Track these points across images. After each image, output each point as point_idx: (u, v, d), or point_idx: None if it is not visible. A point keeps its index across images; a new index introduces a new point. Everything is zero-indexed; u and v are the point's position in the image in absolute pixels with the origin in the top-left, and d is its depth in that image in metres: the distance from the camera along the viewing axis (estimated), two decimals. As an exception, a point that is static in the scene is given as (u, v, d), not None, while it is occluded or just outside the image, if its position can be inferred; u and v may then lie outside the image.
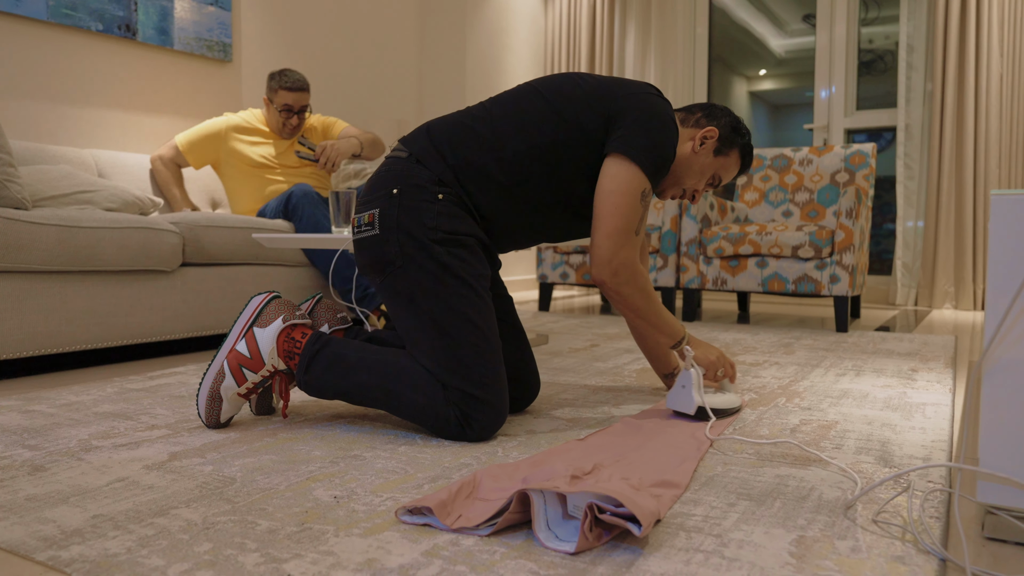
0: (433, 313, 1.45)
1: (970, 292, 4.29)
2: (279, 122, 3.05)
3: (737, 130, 1.73)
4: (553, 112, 1.54)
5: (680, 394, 1.61)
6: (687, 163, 1.70)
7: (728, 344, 2.82)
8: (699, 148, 1.69)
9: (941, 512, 1.08)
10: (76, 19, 3.06)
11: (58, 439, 1.46)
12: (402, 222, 1.49)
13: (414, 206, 1.50)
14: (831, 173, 3.83)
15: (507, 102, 1.57)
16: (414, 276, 1.47)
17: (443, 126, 1.58)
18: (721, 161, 1.73)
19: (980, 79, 4.23)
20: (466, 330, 1.44)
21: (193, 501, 1.12)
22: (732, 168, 1.75)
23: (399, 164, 1.56)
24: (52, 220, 2.12)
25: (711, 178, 1.74)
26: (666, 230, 3.68)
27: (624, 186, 1.51)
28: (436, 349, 1.44)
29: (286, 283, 2.84)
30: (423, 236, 1.48)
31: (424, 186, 1.51)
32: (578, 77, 1.60)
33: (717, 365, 1.73)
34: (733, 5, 5.43)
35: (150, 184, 3.05)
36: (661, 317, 1.63)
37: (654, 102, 1.57)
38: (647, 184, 1.53)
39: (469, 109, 1.60)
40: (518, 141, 1.52)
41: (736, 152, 1.74)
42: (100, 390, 1.93)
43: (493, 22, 5.23)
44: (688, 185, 1.73)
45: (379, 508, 1.09)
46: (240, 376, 1.50)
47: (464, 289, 1.47)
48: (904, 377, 2.16)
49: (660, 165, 1.54)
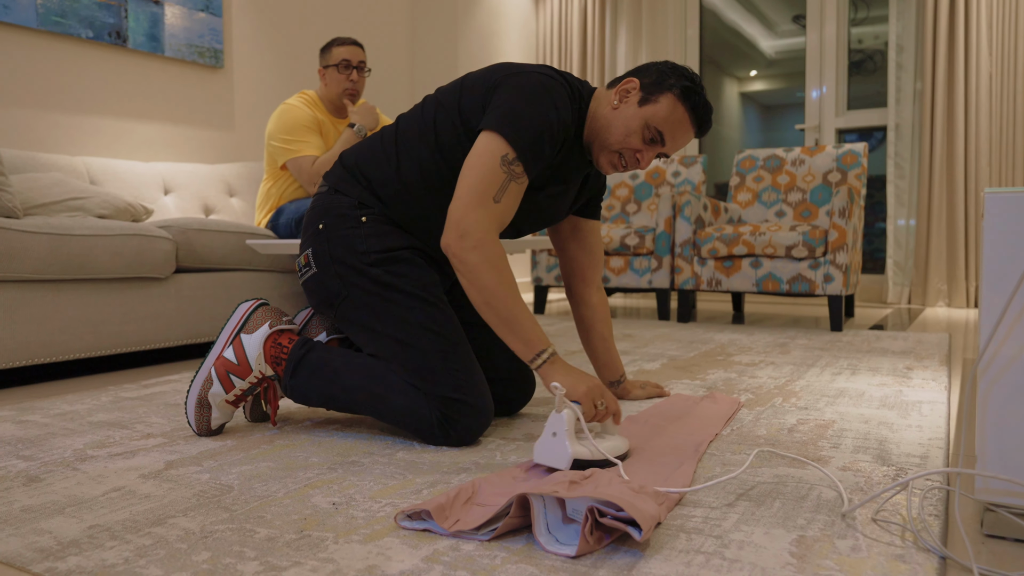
0: (390, 332, 1.46)
1: (963, 289, 4.30)
2: (340, 84, 2.82)
3: (668, 74, 1.49)
4: (443, 112, 1.52)
5: (550, 444, 1.23)
6: (608, 121, 1.51)
7: (724, 345, 2.83)
8: (618, 104, 1.51)
9: (940, 510, 1.08)
10: (66, 26, 3.05)
11: (53, 449, 1.45)
12: (335, 254, 1.52)
13: (342, 235, 1.52)
14: (823, 173, 3.84)
15: (410, 114, 1.58)
16: (361, 302, 1.49)
17: (354, 151, 1.61)
18: (649, 110, 1.48)
19: (970, 78, 4.25)
20: (425, 339, 1.44)
21: (191, 510, 1.11)
22: (670, 116, 1.48)
23: (321, 199, 1.59)
24: (44, 228, 2.11)
25: (645, 133, 1.49)
26: (660, 231, 3.69)
27: (481, 149, 1.39)
28: (404, 363, 1.45)
29: (281, 289, 2.83)
30: (358, 262, 1.50)
31: (347, 213, 1.53)
32: (473, 73, 1.55)
33: (591, 397, 1.32)
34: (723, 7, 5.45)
35: (141, 191, 3.04)
36: (516, 311, 1.35)
37: (531, 78, 1.45)
38: (507, 148, 1.38)
39: (383, 129, 1.61)
40: (419, 148, 1.52)
41: (669, 96, 1.48)
42: (94, 399, 1.91)
43: (484, 26, 5.23)
44: (616, 144, 1.51)
45: (378, 514, 1.09)
46: (228, 382, 1.50)
47: (413, 301, 1.47)
48: (899, 375, 2.17)
49: (522, 130, 1.39)
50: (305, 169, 2.72)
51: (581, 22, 5.48)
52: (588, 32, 5.45)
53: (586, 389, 1.31)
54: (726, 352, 2.65)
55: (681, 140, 1.53)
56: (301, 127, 2.75)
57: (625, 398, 1.87)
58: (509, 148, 1.39)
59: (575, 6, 5.47)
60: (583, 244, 1.78)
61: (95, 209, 2.49)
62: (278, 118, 2.77)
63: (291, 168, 2.74)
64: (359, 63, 2.84)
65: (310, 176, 2.71)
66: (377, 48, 4.82)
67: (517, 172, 1.40)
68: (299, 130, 2.74)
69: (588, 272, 1.80)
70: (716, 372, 2.24)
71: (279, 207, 2.81)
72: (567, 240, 1.79)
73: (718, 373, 2.23)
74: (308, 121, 2.76)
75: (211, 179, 3.34)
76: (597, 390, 1.32)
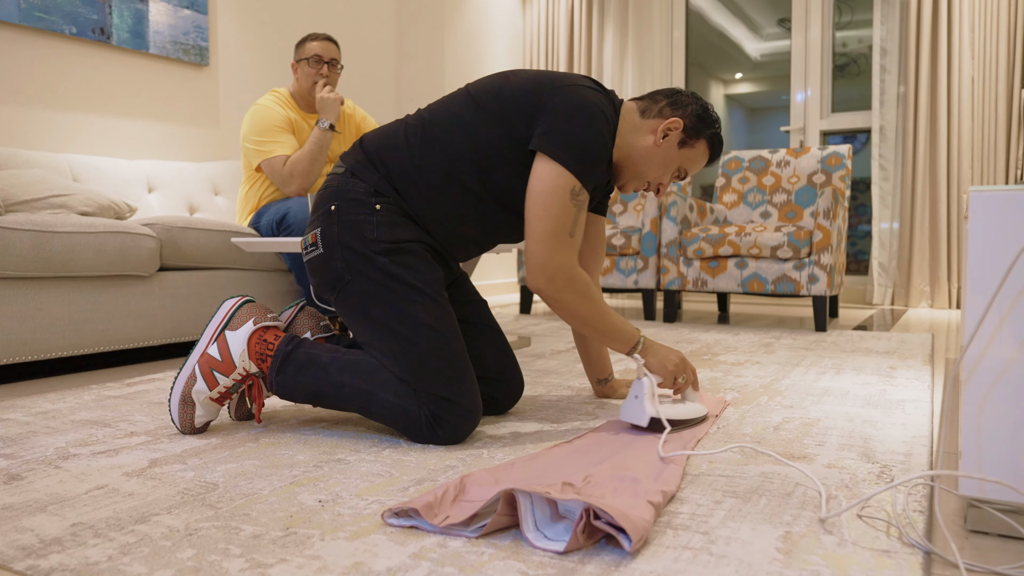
0: (388, 323, 1.45)
1: (945, 291, 4.34)
2: (310, 78, 2.81)
3: (703, 120, 1.61)
4: (480, 112, 1.51)
5: (632, 405, 1.50)
6: (649, 156, 1.59)
7: (709, 344, 2.84)
8: (662, 141, 1.58)
9: (924, 506, 1.09)
10: (49, 22, 3.02)
11: (35, 447, 1.43)
12: (343, 238, 1.50)
13: (353, 220, 1.50)
14: (808, 174, 3.87)
15: (440, 107, 1.56)
16: (364, 289, 1.48)
17: (376, 137, 1.59)
18: (687, 153, 1.61)
19: (952, 81, 4.29)
20: (423, 334, 1.44)
21: (175, 507, 1.10)
22: (699, 159, 1.64)
23: (336, 180, 1.57)
24: (26, 225, 2.08)
25: (677, 170, 1.64)
26: (646, 232, 3.70)
27: (549, 185, 1.43)
28: (398, 357, 1.44)
29: (267, 288, 2.81)
30: (366, 249, 1.48)
31: (361, 199, 1.51)
32: (511, 74, 1.55)
33: (675, 372, 1.56)
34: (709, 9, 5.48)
35: (125, 189, 3.01)
36: (609, 322, 1.52)
37: (583, 94, 1.48)
38: (575, 182, 1.44)
39: (407, 117, 1.60)
40: (448, 144, 1.51)
41: (703, 143, 1.62)
42: (77, 398, 1.89)
43: (471, 25, 5.23)
44: (652, 178, 1.63)
45: (365, 511, 1.08)
46: (211, 379, 1.48)
47: (415, 295, 1.46)
48: (883, 375, 2.19)
49: (587, 161, 1.45)
50: (277, 169, 2.70)
51: (568, 23, 5.49)
52: (575, 33, 5.46)
53: (672, 368, 1.56)
54: (712, 352, 2.66)
55: (697, 170, 1.69)
56: (272, 127, 2.73)
57: (612, 396, 1.87)
58: (575, 181, 1.44)
59: (562, 7, 5.48)
60: (589, 239, 1.79)
61: (78, 206, 2.47)
62: (250, 119, 2.76)
63: (265, 169, 2.73)
64: (331, 59, 2.83)
65: (282, 177, 2.70)
66: (363, 48, 4.80)
67: (583, 201, 1.48)
68: (270, 130, 2.73)
69: (591, 266, 1.80)
70: (702, 371, 2.25)
71: (259, 208, 2.79)
72: None
73: (704, 372, 2.23)
74: (280, 120, 2.75)
75: (196, 177, 3.31)
76: (677, 366, 1.56)
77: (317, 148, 2.71)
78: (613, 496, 1.06)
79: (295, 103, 2.85)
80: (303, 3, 4.31)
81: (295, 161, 2.69)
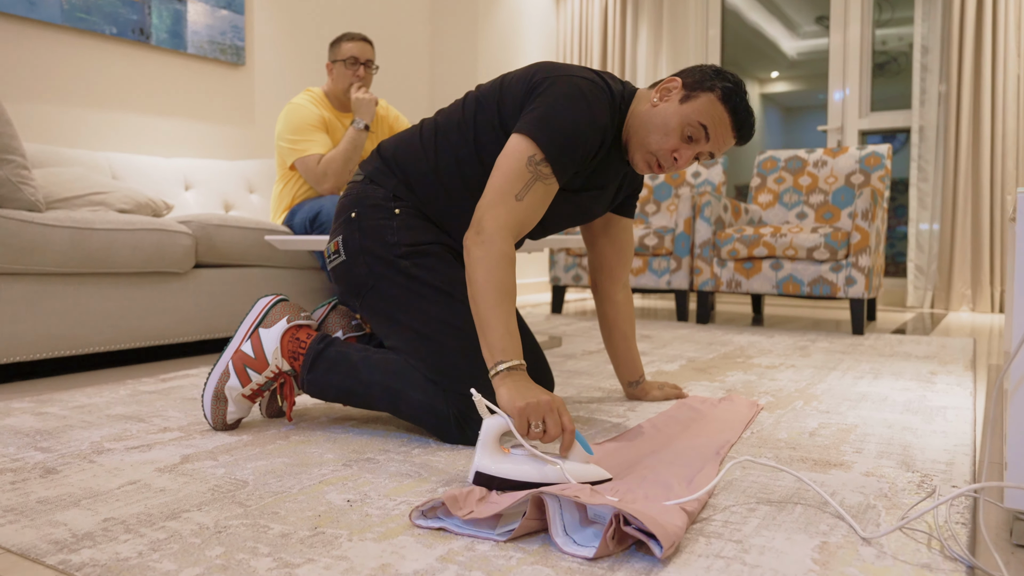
0: (413, 326, 1.45)
1: (987, 294, 4.24)
2: (346, 79, 2.81)
3: (711, 75, 1.45)
4: (481, 111, 1.50)
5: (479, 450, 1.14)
6: (647, 118, 1.47)
7: (743, 347, 2.80)
8: (658, 101, 1.47)
9: (967, 518, 1.06)
10: (90, 23, 3.07)
11: (70, 441, 1.45)
12: (365, 244, 1.51)
13: (374, 226, 1.51)
14: (846, 174, 3.80)
15: (451, 110, 1.56)
16: (388, 294, 1.49)
17: (392, 143, 1.59)
18: (689, 108, 1.43)
19: (997, 80, 4.18)
20: (449, 335, 1.43)
21: (205, 504, 1.11)
22: (709, 116, 1.43)
23: (355, 187, 1.58)
24: (65, 222, 2.12)
25: (685, 130, 1.44)
26: (679, 232, 3.66)
27: (508, 151, 1.37)
28: (425, 359, 1.44)
29: (300, 286, 2.83)
30: (387, 254, 1.49)
31: (380, 204, 1.52)
32: (513, 72, 1.53)
33: (526, 414, 1.15)
34: (745, 7, 5.41)
35: (163, 186, 3.06)
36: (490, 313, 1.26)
37: (571, 81, 1.42)
38: (535, 150, 1.36)
39: (422, 122, 1.60)
40: (457, 146, 1.50)
41: (710, 96, 1.43)
42: (113, 392, 1.92)
43: (505, 25, 5.22)
44: (654, 145, 1.46)
45: (393, 512, 1.08)
46: (244, 376, 1.49)
47: (439, 296, 1.46)
48: (923, 380, 2.13)
49: (553, 134, 1.37)
50: (311, 168, 2.72)
51: (602, 22, 5.46)
52: (609, 32, 5.43)
53: (523, 405, 1.15)
54: (745, 354, 2.62)
55: (720, 139, 1.46)
56: (307, 126, 2.75)
57: (643, 399, 1.85)
58: (537, 150, 1.36)
59: (596, 6, 5.45)
60: (614, 241, 1.77)
61: (116, 204, 2.50)
62: (284, 118, 2.78)
63: (299, 167, 2.74)
64: (367, 60, 2.84)
65: (316, 175, 2.72)
66: (397, 47, 4.82)
67: (544, 173, 1.37)
68: (305, 129, 2.74)
69: (616, 269, 1.78)
70: (735, 374, 2.22)
71: (293, 206, 2.81)
72: (598, 236, 1.78)
73: (737, 375, 2.20)
74: (314, 119, 2.76)
75: (231, 175, 3.35)
76: (536, 408, 1.15)
77: (352, 147, 2.72)
78: (644, 502, 1.05)
79: (329, 103, 2.86)
80: (338, 3, 4.33)
81: (329, 160, 2.70)
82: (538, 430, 1.16)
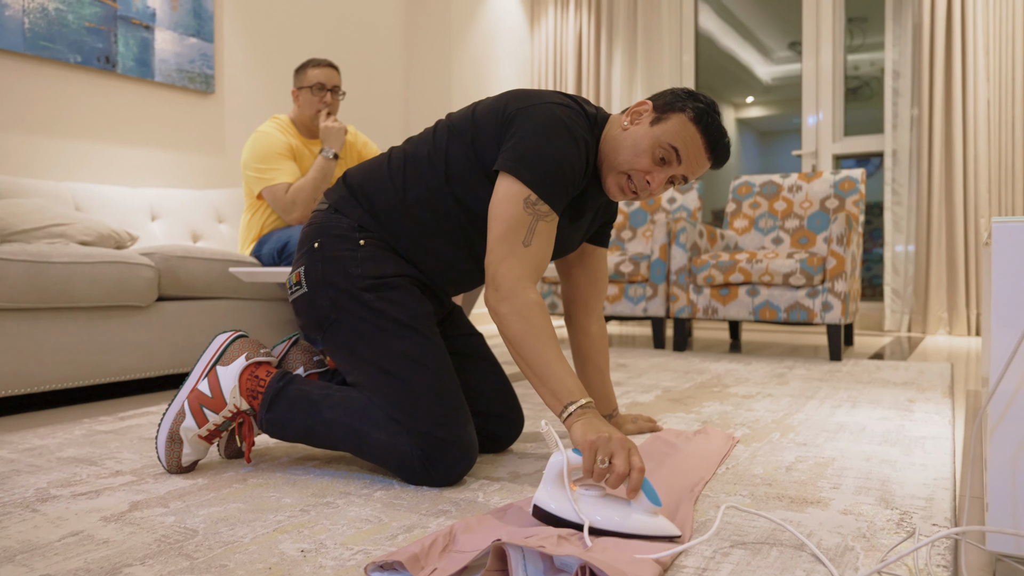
0: (377, 361, 1.40)
1: (964, 317, 4.25)
2: (312, 106, 2.78)
3: (682, 97, 1.42)
4: (453, 140, 1.46)
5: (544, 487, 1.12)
6: (619, 141, 1.44)
7: (720, 375, 2.76)
8: (629, 125, 1.44)
9: (948, 560, 1.02)
10: (54, 51, 3.01)
11: (14, 488, 1.38)
12: (327, 275, 1.45)
13: (337, 256, 1.46)
14: (821, 199, 3.80)
15: (420, 139, 1.52)
16: (351, 327, 1.43)
17: (359, 172, 1.55)
18: (659, 130, 1.41)
19: (968, 104, 4.23)
20: (414, 372, 1.38)
21: (149, 557, 1.04)
22: (680, 138, 1.40)
23: (319, 216, 1.53)
24: (20, 256, 2.05)
25: (656, 152, 1.41)
26: (655, 258, 3.63)
27: (502, 195, 1.35)
28: (389, 396, 1.38)
29: (268, 318, 2.77)
30: (350, 286, 1.43)
31: (345, 235, 1.47)
32: (484, 101, 1.49)
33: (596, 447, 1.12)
34: (719, 33, 5.45)
35: (128, 217, 2.99)
36: (547, 362, 1.25)
37: (547, 111, 1.39)
38: (528, 192, 1.33)
39: (391, 150, 1.55)
40: (428, 176, 1.46)
41: (680, 116, 1.40)
42: (67, 432, 1.84)
43: (479, 50, 5.22)
44: (626, 165, 1.43)
45: (348, 563, 1.02)
46: (201, 416, 1.43)
47: (403, 331, 1.41)
48: (902, 408, 2.10)
49: (543, 171, 1.34)
50: (279, 197, 2.67)
51: (576, 48, 5.48)
52: (583, 57, 5.44)
53: (594, 439, 1.12)
54: (722, 383, 2.58)
55: (694, 161, 1.43)
56: (274, 154, 2.70)
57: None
58: (530, 191, 1.34)
59: (570, 31, 5.47)
60: (588, 271, 1.72)
61: (78, 236, 2.43)
62: (251, 147, 2.73)
63: (266, 196, 2.69)
64: (333, 86, 2.80)
65: (284, 204, 2.67)
66: (371, 74, 4.80)
67: (543, 211, 1.35)
68: (272, 157, 2.70)
69: (591, 300, 1.74)
70: (712, 404, 2.18)
71: (261, 236, 2.75)
72: (572, 266, 1.73)
73: (714, 406, 2.16)
74: (281, 147, 2.72)
75: (199, 205, 3.29)
76: (607, 443, 1.11)
77: (321, 176, 2.68)
78: (615, 550, 0.99)
79: (296, 130, 2.82)
80: (310, 30, 4.31)
81: (298, 189, 2.66)
82: (604, 465, 1.11)
